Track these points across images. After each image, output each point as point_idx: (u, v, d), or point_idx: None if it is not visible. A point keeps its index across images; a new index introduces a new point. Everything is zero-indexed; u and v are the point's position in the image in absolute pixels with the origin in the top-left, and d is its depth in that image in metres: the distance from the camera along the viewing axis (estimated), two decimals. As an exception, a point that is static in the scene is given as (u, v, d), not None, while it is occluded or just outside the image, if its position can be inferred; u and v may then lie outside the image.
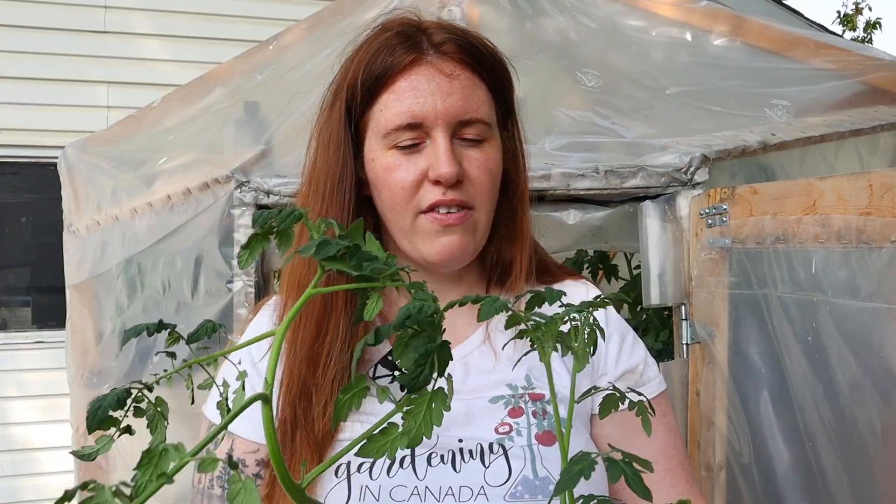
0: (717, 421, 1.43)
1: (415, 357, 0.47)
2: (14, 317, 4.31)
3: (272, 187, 1.48)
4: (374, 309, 0.50)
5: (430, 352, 0.47)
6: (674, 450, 0.96)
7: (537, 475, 0.84)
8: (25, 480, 4.03)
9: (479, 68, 0.92)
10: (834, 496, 1.22)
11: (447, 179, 0.88)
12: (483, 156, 0.91)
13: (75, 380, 2.03)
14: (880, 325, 1.14)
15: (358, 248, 0.49)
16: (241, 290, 1.50)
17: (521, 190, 1.00)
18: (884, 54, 1.82)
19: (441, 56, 0.91)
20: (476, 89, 0.92)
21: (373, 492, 0.84)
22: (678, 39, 1.84)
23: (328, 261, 0.48)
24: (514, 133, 1.00)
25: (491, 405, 0.90)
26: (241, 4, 4.34)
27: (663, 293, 1.51)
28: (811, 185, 1.24)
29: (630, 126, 1.67)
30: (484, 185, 0.91)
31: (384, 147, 0.91)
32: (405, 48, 0.90)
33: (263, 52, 1.86)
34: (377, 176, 0.93)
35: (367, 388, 0.52)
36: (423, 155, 0.90)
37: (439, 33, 0.92)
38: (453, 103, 0.89)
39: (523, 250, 0.98)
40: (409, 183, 0.90)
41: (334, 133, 0.95)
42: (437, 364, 0.48)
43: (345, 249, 0.48)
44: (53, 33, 4.14)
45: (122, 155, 1.96)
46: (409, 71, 0.90)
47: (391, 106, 0.90)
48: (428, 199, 0.89)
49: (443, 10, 1.75)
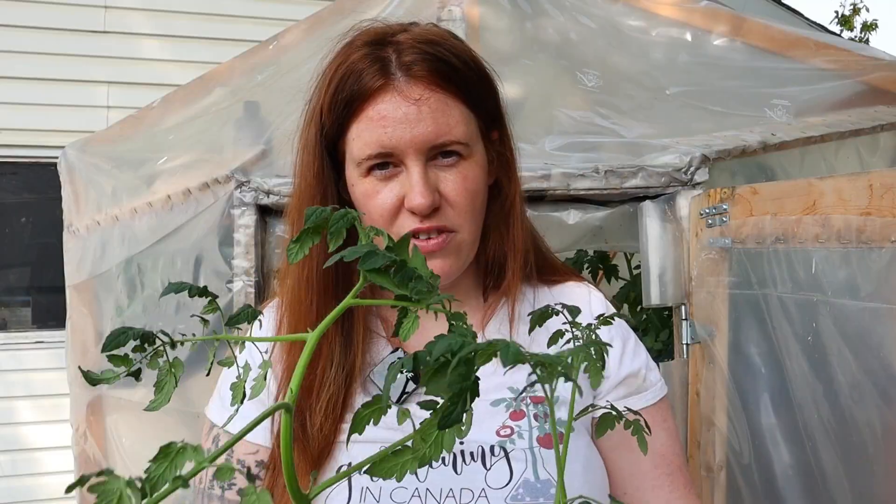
0: (717, 421, 1.43)
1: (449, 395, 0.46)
2: (14, 317, 4.30)
3: (272, 187, 1.48)
4: (411, 330, 0.50)
5: (464, 390, 0.46)
6: (673, 455, 0.96)
7: (539, 478, 0.84)
8: (25, 480, 4.03)
9: (452, 87, 0.88)
10: (834, 496, 1.22)
11: (421, 211, 0.86)
12: (461, 176, 0.89)
13: (75, 380, 2.03)
14: (880, 325, 1.14)
15: (404, 263, 0.48)
16: (241, 290, 1.50)
17: (513, 196, 0.98)
18: (884, 54, 1.82)
19: (409, 80, 0.87)
20: (449, 110, 0.88)
21: (373, 493, 0.84)
22: (678, 39, 1.84)
23: (372, 273, 0.47)
24: (503, 139, 0.98)
25: (492, 408, 0.90)
26: (241, 4, 4.34)
27: (663, 293, 1.51)
28: (811, 185, 1.24)
29: (630, 126, 1.67)
30: (463, 206, 0.89)
31: (361, 174, 0.90)
32: (372, 73, 0.87)
33: (263, 52, 1.86)
34: (357, 201, 0.92)
35: (388, 406, 0.51)
36: (398, 182, 0.88)
37: (408, 52, 0.88)
38: (423, 130, 0.86)
39: (516, 255, 0.97)
40: (387, 210, 0.88)
41: (314, 158, 0.93)
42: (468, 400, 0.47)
43: (391, 263, 0.47)
44: (53, 33, 4.14)
45: (122, 155, 1.96)
46: (377, 98, 0.87)
47: (361, 135, 0.88)
48: (406, 227, 0.88)
49: (443, 10, 1.75)
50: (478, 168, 0.92)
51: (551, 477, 0.84)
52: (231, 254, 1.52)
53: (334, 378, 0.89)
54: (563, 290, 1.03)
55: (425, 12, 1.68)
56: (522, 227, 0.99)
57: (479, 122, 0.93)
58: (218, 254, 1.55)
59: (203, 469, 0.38)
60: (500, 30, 1.79)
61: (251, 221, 1.49)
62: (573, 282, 1.04)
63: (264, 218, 1.52)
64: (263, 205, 1.49)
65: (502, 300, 0.99)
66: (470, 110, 0.91)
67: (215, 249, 1.56)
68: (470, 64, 0.91)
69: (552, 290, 1.03)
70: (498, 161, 0.97)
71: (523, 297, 1.00)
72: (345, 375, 0.90)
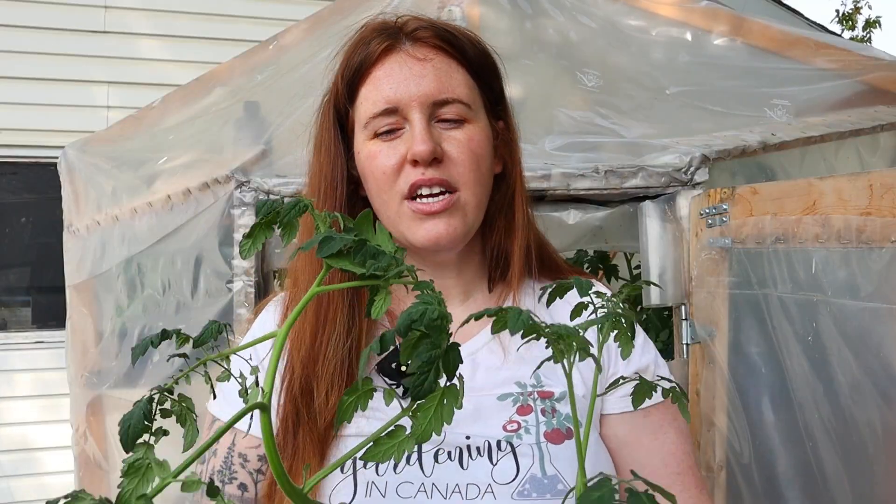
0: (717, 421, 1.43)
1: (418, 364, 0.46)
2: (14, 317, 4.30)
3: (272, 187, 1.48)
4: (382, 307, 0.49)
5: (434, 358, 0.46)
6: (683, 454, 0.95)
7: (545, 473, 0.84)
8: (25, 480, 4.03)
9: (455, 52, 0.94)
10: (834, 496, 1.22)
11: (423, 157, 0.88)
12: (464, 136, 0.92)
13: (75, 380, 2.03)
14: (880, 325, 1.14)
15: (363, 243, 0.48)
16: (241, 290, 1.50)
17: (516, 181, 1.00)
18: (884, 54, 1.82)
19: (415, 42, 0.93)
20: (452, 72, 0.93)
21: (379, 488, 0.84)
22: (678, 39, 1.84)
23: (332, 258, 0.47)
24: (507, 123, 1.01)
25: (499, 402, 0.90)
26: (241, 4, 4.34)
27: (663, 293, 1.51)
28: (811, 185, 1.24)
29: (630, 126, 1.67)
30: (465, 163, 0.91)
31: (366, 138, 0.93)
32: (379, 40, 0.93)
33: (263, 52, 1.86)
34: (363, 167, 0.94)
35: (373, 389, 0.51)
36: (402, 140, 0.91)
37: (414, 22, 0.94)
38: (427, 84, 0.90)
39: (519, 243, 0.98)
40: (389, 168, 0.90)
41: (325, 134, 0.97)
42: (445, 368, 0.47)
43: (350, 245, 0.47)
44: (53, 33, 4.14)
45: (122, 155, 1.96)
46: (384, 60, 0.92)
47: (369, 96, 0.92)
48: (409, 180, 0.90)
49: (443, 10, 1.75)
50: (482, 134, 0.94)
51: (558, 472, 0.84)
52: (231, 254, 1.52)
53: (340, 346, 0.90)
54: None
55: (425, 12, 1.68)
56: (525, 216, 0.99)
57: (483, 96, 0.96)
58: (218, 254, 1.55)
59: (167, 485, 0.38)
60: (500, 30, 1.79)
61: (251, 221, 1.48)
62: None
63: (264, 218, 1.51)
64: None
65: (508, 291, 0.99)
66: (473, 79, 0.95)
67: (215, 249, 1.56)
68: (474, 41, 0.97)
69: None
70: (504, 147, 0.99)
71: (529, 290, 1.00)
72: (349, 346, 0.90)
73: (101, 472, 1.94)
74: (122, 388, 1.84)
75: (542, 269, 1.02)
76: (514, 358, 0.93)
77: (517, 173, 1.00)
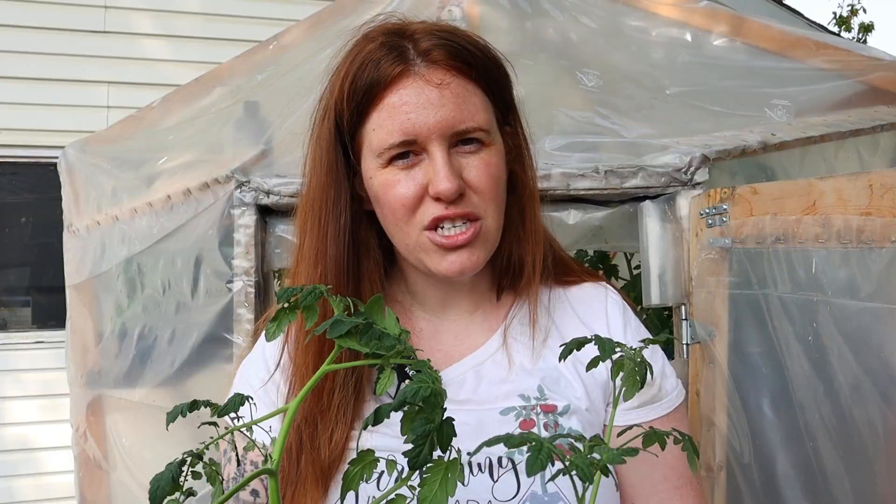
0: (717, 421, 1.43)
1: (412, 437, 0.49)
2: (14, 317, 4.30)
3: (272, 187, 1.48)
4: (386, 384, 0.54)
5: (429, 432, 0.49)
6: (684, 468, 0.94)
7: (546, 491, 0.83)
8: (25, 480, 4.03)
9: (472, 72, 0.88)
10: (834, 496, 1.22)
11: (448, 196, 0.84)
12: (483, 162, 0.88)
13: (75, 380, 2.03)
14: (880, 325, 1.14)
15: (370, 326, 0.52)
16: (241, 290, 1.50)
17: (530, 189, 0.97)
18: (884, 54, 1.82)
19: (429, 65, 0.86)
20: (469, 96, 0.87)
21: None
22: (678, 39, 1.84)
23: (341, 338, 0.52)
24: (517, 130, 0.97)
25: (502, 417, 0.88)
26: (241, 4, 4.34)
27: (663, 293, 1.51)
28: (811, 185, 1.24)
29: (630, 126, 1.67)
30: (488, 192, 0.88)
31: (380, 165, 0.88)
32: (391, 60, 0.86)
33: (263, 52, 1.86)
34: (376, 193, 0.90)
35: (376, 460, 0.55)
36: (421, 169, 0.86)
37: (426, 39, 0.87)
38: (446, 115, 0.85)
39: (536, 251, 0.95)
40: (409, 199, 0.86)
41: (326, 154, 0.92)
42: (439, 441, 0.50)
43: (357, 327, 0.52)
44: (53, 33, 4.14)
45: (122, 155, 1.96)
46: (397, 84, 0.86)
47: (383, 124, 0.86)
48: (430, 214, 0.86)
49: (443, 10, 1.75)
50: (498, 156, 0.91)
51: (559, 490, 0.83)
52: (231, 254, 1.52)
53: (343, 383, 0.89)
54: (579, 292, 1.01)
55: (425, 12, 1.68)
56: (537, 221, 0.97)
57: (497, 111, 0.92)
58: (218, 254, 1.55)
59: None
60: (500, 30, 1.79)
61: (251, 221, 1.49)
62: (589, 282, 1.02)
63: (264, 218, 1.51)
64: (263, 205, 1.49)
65: (518, 301, 0.97)
66: (488, 98, 0.90)
67: (215, 249, 1.55)
68: (486, 52, 0.91)
69: (567, 290, 1.01)
70: (513, 153, 0.96)
71: (539, 297, 0.97)
72: (355, 381, 0.89)
73: (101, 472, 1.94)
74: (122, 388, 1.84)
75: (558, 274, 1.00)
76: (519, 369, 0.92)
77: (528, 178, 0.97)
